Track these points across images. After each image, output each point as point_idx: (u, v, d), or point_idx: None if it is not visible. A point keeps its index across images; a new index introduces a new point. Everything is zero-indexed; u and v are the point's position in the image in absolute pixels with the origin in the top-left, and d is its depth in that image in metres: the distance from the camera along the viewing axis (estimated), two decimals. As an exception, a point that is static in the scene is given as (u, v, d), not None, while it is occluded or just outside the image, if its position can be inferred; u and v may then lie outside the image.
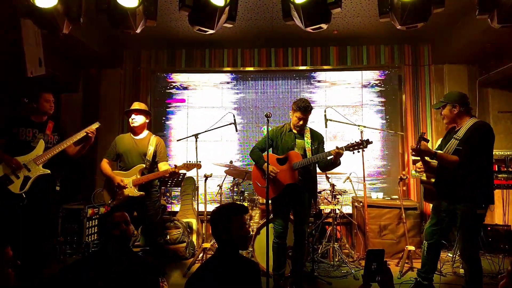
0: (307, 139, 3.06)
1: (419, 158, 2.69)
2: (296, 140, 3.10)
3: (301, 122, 3.04)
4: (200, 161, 3.22)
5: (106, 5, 2.40)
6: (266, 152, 2.97)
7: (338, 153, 2.71)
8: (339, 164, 2.97)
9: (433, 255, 2.78)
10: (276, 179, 3.04)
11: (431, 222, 2.79)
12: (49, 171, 2.99)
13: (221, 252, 1.80)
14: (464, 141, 2.52)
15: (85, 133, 3.05)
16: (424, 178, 2.78)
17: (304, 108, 2.98)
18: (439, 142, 4.38)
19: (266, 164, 2.97)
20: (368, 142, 2.65)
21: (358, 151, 2.74)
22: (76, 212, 4.13)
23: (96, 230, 4.22)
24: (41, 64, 2.85)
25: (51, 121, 3.17)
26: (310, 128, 3.18)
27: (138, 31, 2.53)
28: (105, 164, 3.23)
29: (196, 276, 1.72)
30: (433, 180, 2.73)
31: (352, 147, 2.68)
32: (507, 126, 4.59)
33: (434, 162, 2.72)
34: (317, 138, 3.13)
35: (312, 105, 3.05)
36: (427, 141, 2.55)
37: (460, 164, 2.50)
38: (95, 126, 3.12)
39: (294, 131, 3.13)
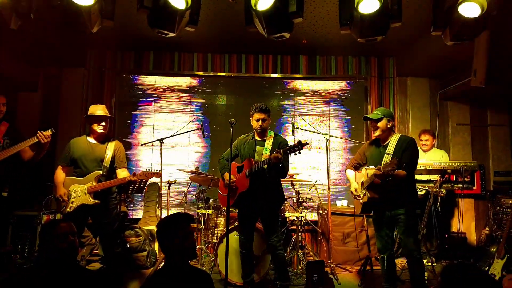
0: (268, 145, 3.02)
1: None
2: (257, 147, 3.07)
3: (260, 123, 3.02)
4: (159, 170, 3.12)
5: (58, 2, 2.27)
6: (229, 161, 2.94)
7: (276, 157, 2.69)
8: (284, 168, 2.92)
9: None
10: (236, 187, 3.03)
11: (380, 234, 2.89)
12: None
13: (170, 263, 1.75)
14: (401, 155, 2.70)
15: (36, 139, 2.82)
16: (365, 199, 2.86)
17: (260, 107, 3.01)
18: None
19: (227, 173, 2.98)
20: (302, 144, 2.67)
21: (295, 154, 2.72)
22: (29, 219, 3.88)
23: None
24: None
25: (5, 123, 2.94)
26: (275, 134, 3.13)
27: (94, 31, 2.41)
28: (58, 172, 3.06)
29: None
30: (375, 196, 2.80)
31: (288, 150, 2.69)
32: (464, 137, 4.81)
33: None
34: (279, 144, 3.05)
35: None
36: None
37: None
38: (49, 132, 2.89)
39: (257, 138, 3.12)
